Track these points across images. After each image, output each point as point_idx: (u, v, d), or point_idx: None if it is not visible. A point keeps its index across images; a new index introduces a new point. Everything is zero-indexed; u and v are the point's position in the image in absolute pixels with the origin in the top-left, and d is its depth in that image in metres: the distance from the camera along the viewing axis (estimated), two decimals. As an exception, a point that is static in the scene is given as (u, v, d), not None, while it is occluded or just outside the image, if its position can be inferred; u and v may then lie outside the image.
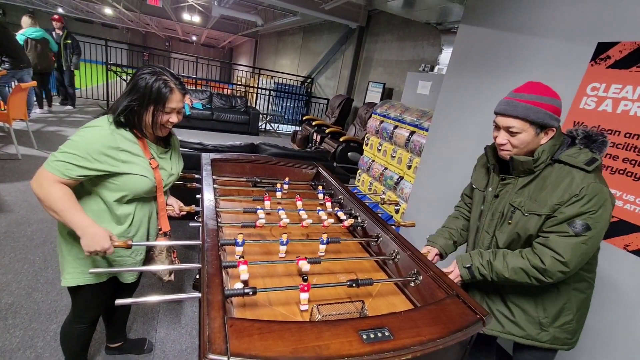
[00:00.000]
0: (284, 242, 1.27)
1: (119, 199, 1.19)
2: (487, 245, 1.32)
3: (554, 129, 1.13)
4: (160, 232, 1.38)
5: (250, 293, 0.96)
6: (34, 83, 4.46)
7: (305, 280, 1.02)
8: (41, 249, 2.39)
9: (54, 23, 5.88)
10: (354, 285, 1.09)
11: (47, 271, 2.19)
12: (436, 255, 1.47)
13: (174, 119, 1.20)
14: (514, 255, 1.17)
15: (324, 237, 1.32)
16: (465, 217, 1.54)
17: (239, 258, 1.11)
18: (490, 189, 1.32)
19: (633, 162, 1.47)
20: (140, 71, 1.16)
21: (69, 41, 5.97)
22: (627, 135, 1.49)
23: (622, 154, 1.50)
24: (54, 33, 5.86)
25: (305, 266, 1.17)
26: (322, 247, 1.32)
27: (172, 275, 1.42)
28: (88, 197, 1.19)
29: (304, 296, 1.03)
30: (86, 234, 1.07)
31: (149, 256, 1.39)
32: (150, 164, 1.22)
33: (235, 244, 1.20)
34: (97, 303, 1.37)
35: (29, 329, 1.76)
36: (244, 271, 1.07)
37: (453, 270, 1.31)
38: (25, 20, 5.39)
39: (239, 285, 1.02)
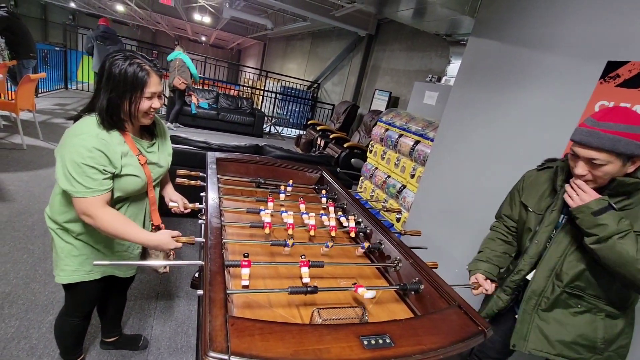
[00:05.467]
0: (288, 245, 1.27)
1: (114, 199, 1.17)
2: (551, 268, 1.21)
3: None
4: (153, 227, 1.36)
5: (312, 291, 1.03)
6: (43, 75, 4.49)
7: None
8: (41, 239, 2.39)
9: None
10: (404, 289, 1.18)
11: (46, 262, 2.18)
12: (486, 279, 1.32)
13: (156, 104, 1.13)
14: None
15: (330, 243, 1.32)
16: (506, 241, 1.42)
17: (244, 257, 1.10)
18: (550, 212, 1.21)
19: (639, 181, 1.46)
20: (110, 58, 1.06)
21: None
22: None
23: (628, 172, 1.50)
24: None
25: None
26: (326, 249, 1.32)
27: (167, 268, 1.40)
28: None
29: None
30: (151, 244, 1.14)
31: (145, 251, 1.38)
32: (139, 160, 1.18)
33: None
34: (90, 298, 1.35)
35: (24, 320, 1.75)
36: (245, 276, 1.07)
37: (483, 283, 1.27)
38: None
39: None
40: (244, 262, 1.07)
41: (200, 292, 0.91)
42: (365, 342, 0.80)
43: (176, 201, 1.45)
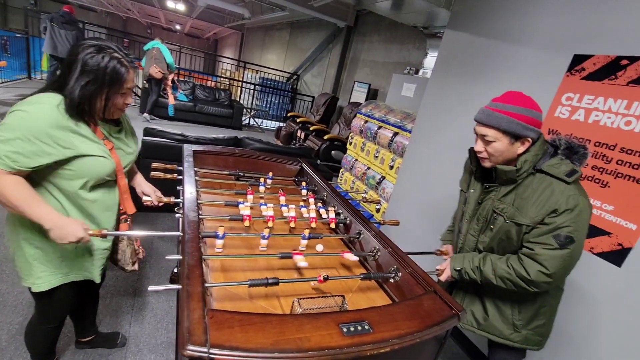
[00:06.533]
0: (266, 237, 1.26)
1: (82, 187, 1.07)
2: (472, 247, 1.35)
3: (530, 139, 1.13)
4: (122, 218, 1.26)
5: (273, 284, 1.01)
6: (3, 63, 4.22)
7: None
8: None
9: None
10: (368, 278, 1.21)
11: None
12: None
13: (129, 99, 1.10)
14: (501, 262, 1.20)
15: (306, 232, 1.32)
16: None
17: (218, 249, 1.10)
18: (472, 190, 1.35)
19: (601, 169, 1.55)
20: (82, 48, 0.99)
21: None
22: (597, 144, 1.57)
23: (591, 161, 1.59)
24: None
25: (301, 262, 1.17)
26: (304, 242, 1.32)
27: (136, 265, 1.35)
28: (40, 193, 1.03)
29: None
30: (56, 226, 0.98)
31: (114, 250, 1.30)
32: (105, 144, 1.10)
33: (216, 236, 1.18)
34: (65, 304, 1.28)
35: (-8, 322, 1.67)
36: (219, 244, 1.11)
37: (445, 269, 1.34)
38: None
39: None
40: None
41: (151, 287, 0.88)
42: (345, 329, 0.82)
43: (149, 194, 1.41)
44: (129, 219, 1.27)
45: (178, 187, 1.57)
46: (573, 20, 1.71)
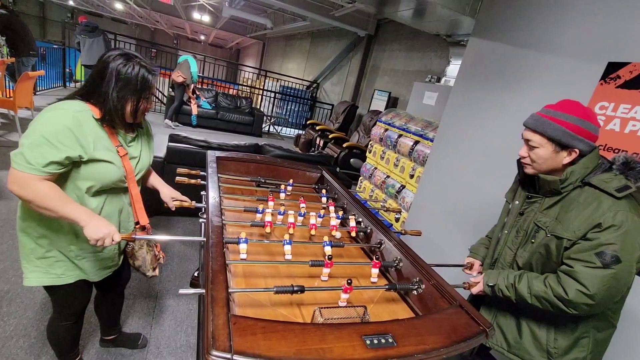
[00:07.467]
0: (287, 242, 1.26)
1: (87, 190, 1.11)
2: (509, 261, 1.27)
3: (577, 150, 1.07)
4: (137, 227, 1.29)
5: (298, 291, 1.01)
6: (42, 72, 4.47)
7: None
8: (40, 238, 2.37)
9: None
10: (393, 289, 1.19)
11: (44, 260, 2.17)
12: (480, 266, 1.44)
13: (151, 104, 1.19)
14: (538, 281, 1.11)
15: (326, 238, 1.31)
16: None
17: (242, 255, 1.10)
18: (516, 202, 1.29)
19: (639, 182, 1.47)
20: (112, 59, 1.06)
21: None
22: (634, 155, 1.49)
23: (628, 173, 1.50)
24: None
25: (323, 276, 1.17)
26: (328, 249, 1.31)
27: (157, 270, 1.36)
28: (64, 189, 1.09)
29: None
30: (91, 222, 1.03)
31: (128, 252, 1.32)
32: (118, 152, 1.14)
33: (238, 242, 1.19)
34: (77, 300, 1.31)
35: (23, 318, 1.74)
36: (243, 249, 1.12)
37: (479, 282, 1.27)
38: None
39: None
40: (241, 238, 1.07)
41: (182, 291, 0.89)
42: (368, 342, 0.80)
43: (176, 197, 1.43)
44: (146, 227, 1.28)
45: (202, 192, 1.60)
46: (606, 27, 1.65)
